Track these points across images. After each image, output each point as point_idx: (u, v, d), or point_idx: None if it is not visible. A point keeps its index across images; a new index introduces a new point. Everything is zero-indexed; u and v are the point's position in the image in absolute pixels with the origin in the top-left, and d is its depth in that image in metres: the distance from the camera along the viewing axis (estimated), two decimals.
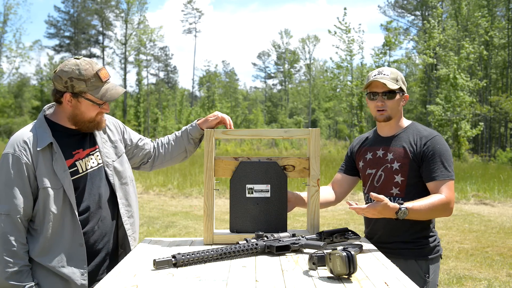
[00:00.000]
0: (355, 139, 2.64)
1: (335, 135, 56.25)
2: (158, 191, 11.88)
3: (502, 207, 10.08)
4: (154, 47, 49.95)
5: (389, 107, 2.33)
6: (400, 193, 2.29)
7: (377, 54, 25.74)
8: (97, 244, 2.14)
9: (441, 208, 2.19)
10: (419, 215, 2.15)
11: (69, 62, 2.05)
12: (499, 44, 31.48)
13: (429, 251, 2.32)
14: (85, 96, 2.05)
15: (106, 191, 2.18)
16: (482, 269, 5.56)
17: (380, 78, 2.31)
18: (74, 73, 2.01)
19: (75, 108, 2.07)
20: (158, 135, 39.03)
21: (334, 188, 2.59)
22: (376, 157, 2.40)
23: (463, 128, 21.97)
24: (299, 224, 7.82)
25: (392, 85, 2.30)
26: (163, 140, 2.48)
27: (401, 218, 2.09)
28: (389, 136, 2.40)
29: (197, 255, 1.79)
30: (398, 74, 2.34)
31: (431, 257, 2.31)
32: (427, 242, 2.32)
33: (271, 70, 62.92)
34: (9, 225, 1.95)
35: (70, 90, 2.03)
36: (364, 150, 2.48)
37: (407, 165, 2.28)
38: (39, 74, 47.38)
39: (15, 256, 1.94)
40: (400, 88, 2.34)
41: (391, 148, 2.36)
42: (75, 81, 2.02)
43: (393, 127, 2.40)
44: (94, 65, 2.06)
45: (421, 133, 2.33)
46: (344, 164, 2.61)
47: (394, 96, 2.32)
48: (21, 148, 1.99)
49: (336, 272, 1.59)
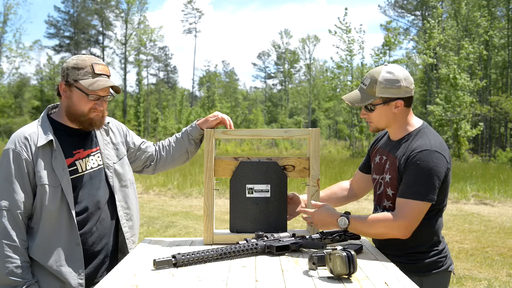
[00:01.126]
0: (378, 134, 2.40)
1: (335, 135, 56.26)
2: (158, 191, 11.89)
3: (502, 207, 10.08)
4: (154, 47, 50.04)
5: (374, 120, 2.13)
6: (392, 205, 2.11)
7: (377, 54, 25.77)
8: (95, 246, 2.13)
9: (383, 226, 1.99)
10: (361, 229, 2.03)
11: (74, 56, 2.12)
12: (499, 44, 31.49)
13: (424, 266, 2.08)
14: (76, 84, 2.06)
15: (106, 192, 2.18)
16: (482, 269, 5.56)
17: (353, 92, 2.14)
18: (71, 63, 2.07)
19: (69, 99, 2.08)
20: (158, 135, 39.05)
21: (352, 184, 2.51)
22: (381, 162, 2.20)
23: (463, 128, 21.98)
24: (299, 224, 7.82)
25: (362, 101, 2.08)
26: (164, 143, 2.48)
27: (342, 227, 2.03)
28: (395, 141, 2.16)
29: (197, 255, 1.79)
30: (378, 81, 2.04)
31: (426, 273, 2.08)
32: (423, 258, 2.08)
33: (271, 70, 63.01)
34: (10, 220, 1.94)
35: (65, 79, 2.07)
36: (376, 151, 2.29)
37: (395, 179, 2.08)
38: (39, 74, 47.39)
39: (16, 252, 1.94)
40: (382, 97, 2.05)
41: (390, 155, 2.14)
42: (70, 69, 2.06)
43: (397, 131, 2.14)
44: (94, 59, 2.09)
45: (413, 144, 2.04)
46: (363, 161, 2.47)
47: (373, 108, 2.09)
48: (21, 144, 2.00)
49: (336, 272, 1.59)
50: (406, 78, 2.06)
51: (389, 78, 2.04)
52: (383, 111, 2.09)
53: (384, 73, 2.05)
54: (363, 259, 1.89)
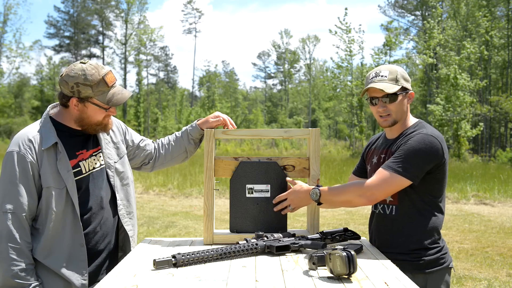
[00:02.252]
0: (370, 138, 2.46)
1: (335, 135, 56.27)
2: (158, 191, 11.88)
3: (502, 207, 10.08)
4: (154, 47, 49.99)
5: (393, 111, 2.12)
6: (393, 200, 2.12)
7: (377, 54, 25.77)
8: (98, 245, 2.14)
9: (349, 192, 2.02)
10: (331, 197, 2.04)
11: (75, 66, 2.03)
12: (499, 44, 31.48)
13: (428, 263, 2.07)
14: (92, 101, 2.04)
15: (108, 192, 2.19)
16: (482, 269, 5.56)
17: (378, 82, 2.10)
18: (80, 78, 2.00)
19: (82, 112, 2.07)
20: (158, 135, 39.06)
21: None
22: (379, 161, 2.20)
23: (463, 128, 21.97)
24: (299, 224, 7.82)
25: (391, 88, 2.08)
26: (164, 141, 2.49)
27: (314, 199, 2.05)
28: (393, 139, 2.19)
29: (197, 255, 1.79)
30: (397, 71, 2.12)
31: (430, 270, 2.07)
32: (426, 254, 2.07)
33: (271, 70, 63.02)
34: (14, 223, 1.95)
35: (77, 95, 2.03)
36: (372, 153, 2.31)
37: None
38: (39, 74, 47.40)
39: (20, 254, 1.94)
40: (402, 87, 2.12)
41: (388, 151, 2.16)
42: (81, 86, 2.00)
43: (397, 128, 2.18)
44: (101, 69, 2.04)
45: (410, 134, 2.09)
46: (357, 165, 2.50)
47: (396, 98, 2.10)
48: (26, 147, 1.99)
49: (336, 272, 1.59)
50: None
51: (402, 71, 2.15)
52: (402, 102, 2.14)
53: (395, 67, 2.16)
54: (363, 259, 1.89)
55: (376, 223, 2.22)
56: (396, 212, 2.11)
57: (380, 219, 2.19)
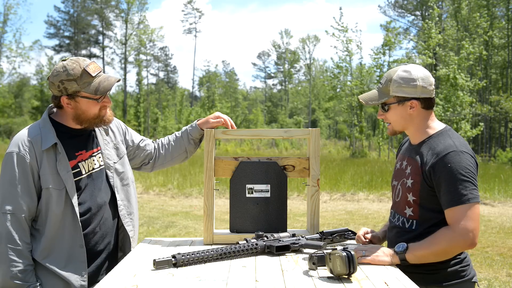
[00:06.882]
0: (404, 139, 2.29)
1: (335, 135, 56.27)
2: (158, 191, 11.88)
3: (502, 207, 10.08)
4: (154, 47, 49.97)
5: (391, 120, 2.05)
6: (413, 214, 1.98)
7: (376, 54, 25.77)
8: (98, 246, 2.13)
9: (444, 240, 1.85)
10: (420, 252, 1.87)
11: (57, 65, 2.04)
12: (499, 44, 31.47)
13: (446, 276, 1.95)
14: (80, 94, 2.04)
15: (107, 192, 2.19)
16: (482, 269, 5.56)
17: (371, 90, 2.02)
18: (62, 75, 2.01)
19: (76, 108, 2.06)
20: (158, 135, 39.05)
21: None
22: (401, 167, 2.09)
23: (463, 128, 21.96)
24: (299, 224, 7.81)
25: (374, 100, 2.02)
26: (164, 141, 2.49)
27: (400, 251, 1.87)
28: (415, 145, 2.05)
29: (197, 255, 1.79)
30: (394, 80, 1.97)
31: (448, 284, 1.94)
32: (444, 267, 1.94)
33: (271, 70, 63.04)
34: (14, 224, 1.95)
35: (65, 93, 2.03)
36: (398, 158, 2.20)
37: (418, 184, 1.95)
38: (39, 74, 47.35)
39: (20, 255, 1.94)
40: (396, 96, 1.98)
41: (411, 160, 2.02)
42: (66, 83, 2.01)
43: (416, 135, 2.04)
44: (82, 62, 2.04)
45: (436, 147, 1.93)
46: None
47: (388, 108, 2.02)
48: (25, 148, 1.99)
49: (336, 272, 1.59)
50: (424, 78, 1.97)
51: (404, 77, 1.97)
52: (398, 111, 2.01)
53: (400, 71, 1.99)
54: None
55: (396, 234, 2.08)
56: (416, 227, 1.99)
57: (399, 233, 2.06)
